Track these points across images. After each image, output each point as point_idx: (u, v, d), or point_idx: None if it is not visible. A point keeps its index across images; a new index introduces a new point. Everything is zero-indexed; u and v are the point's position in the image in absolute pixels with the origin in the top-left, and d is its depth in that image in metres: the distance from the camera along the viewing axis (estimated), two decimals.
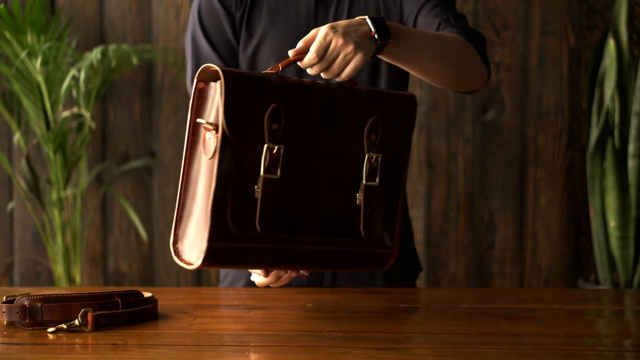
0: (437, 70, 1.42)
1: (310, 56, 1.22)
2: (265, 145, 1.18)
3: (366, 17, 1.27)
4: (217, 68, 1.15)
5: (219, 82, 1.16)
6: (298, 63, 1.25)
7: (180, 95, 2.80)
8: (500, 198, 2.78)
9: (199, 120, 1.18)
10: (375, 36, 1.26)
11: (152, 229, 2.83)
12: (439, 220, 2.79)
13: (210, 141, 1.16)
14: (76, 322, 1.15)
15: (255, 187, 1.18)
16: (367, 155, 1.26)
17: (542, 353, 1.05)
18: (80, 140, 2.65)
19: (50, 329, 1.15)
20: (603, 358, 1.05)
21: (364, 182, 1.26)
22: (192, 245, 1.16)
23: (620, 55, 2.49)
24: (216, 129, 1.15)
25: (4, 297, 1.21)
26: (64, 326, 1.15)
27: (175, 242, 1.18)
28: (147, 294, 1.28)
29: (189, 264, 1.16)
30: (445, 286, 2.78)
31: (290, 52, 1.24)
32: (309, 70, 1.24)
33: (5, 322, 1.20)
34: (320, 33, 1.23)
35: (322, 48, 1.22)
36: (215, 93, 1.17)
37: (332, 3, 1.59)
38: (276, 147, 1.18)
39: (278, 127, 1.19)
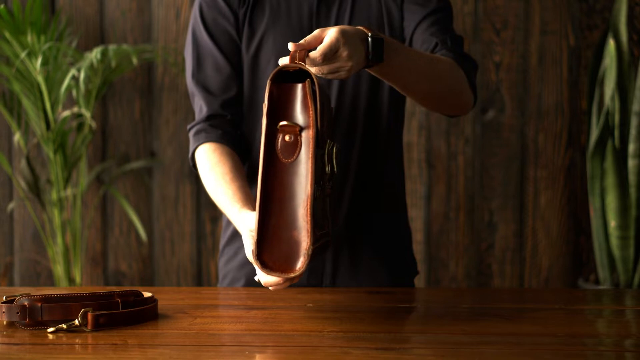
0: (423, 92, 1.44)
1: (316, 56, 1.22)
2: (332, 143, 1.20)
3: (369, 34, 1.27)
4: (304, 67, 1.15)
5: (305, 83, 1.15)
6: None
7: (180, 95, 2.80)
8: (500, 198, 2.78)
9: (283, 123, 1.15)
10: (369, 57, 1.27)
11: (152, 229, 2.83)
12: (439, 220, 2.79)
13: (291, 144, 1.15)
14: (76, 322, 1.15)
15: (327, 185, 1.20)
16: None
17: (542, 353, 1.05)
18: (81, 140, 2.65)
19: (50, 329, 1.15)
20: (603, 358, 1.05)
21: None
22: (289, 253, 1.13)
23: (620, 55, 2.49)
24: (300, 131, 1.15)
25: (4, 297, 1.21)
26: (64, 326, 1.15)
27: (260, 254, 1.14)
28: (147, 294, 1.28)
29: (291, 271, 1.13)
30: (445, 286, 2.78)
31: (291, 45, 1.23)
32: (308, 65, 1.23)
33: (5, 322, 1.20)
34: (330, 37, 1.22)
35: (330, 53, 1.22)
36: (299, 94, 1.16)
37: (334, 3, 1.59)
38: (334, 144, 1.21)
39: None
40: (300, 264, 1.13)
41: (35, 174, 2.68)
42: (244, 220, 1.31)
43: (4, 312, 1.17)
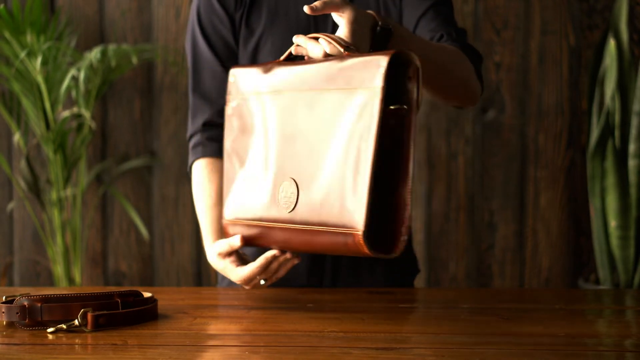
0: (433, 82, 1.43)
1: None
2: None
3: (379, 24, 1.26)
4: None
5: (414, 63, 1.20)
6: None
7: (180, 95, 2.79)
8: (500, 198, 2.78)
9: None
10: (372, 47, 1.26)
11: (152, 229, 2.83)
12: (439, 220, 2.79)
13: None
14: (76, 322, 1.15)
15: None
16: None
17: (542, 353, 1.05)
18: (80, 140, 2.65)
19: (50, 329, 1.15)
20: (603, 358, 1.05)
21: None
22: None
23: (620, 55, 2.49)
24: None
25: (4, 297, 1.21)
26: (64, 326, 1.15)
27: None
28: (147, 294, 1.28)
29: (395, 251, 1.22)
30: (445, 286, 2.78)
31: (295, 39, 1.24)
32: (324, 45, 1.23)
33: (5, 322, 1.20)
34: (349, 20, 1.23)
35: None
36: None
37: None
38: None
39: None
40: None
41: (35, 174, 2.68)
42: (213, 256, 1.41)
43: (3, 312, 1.17)
